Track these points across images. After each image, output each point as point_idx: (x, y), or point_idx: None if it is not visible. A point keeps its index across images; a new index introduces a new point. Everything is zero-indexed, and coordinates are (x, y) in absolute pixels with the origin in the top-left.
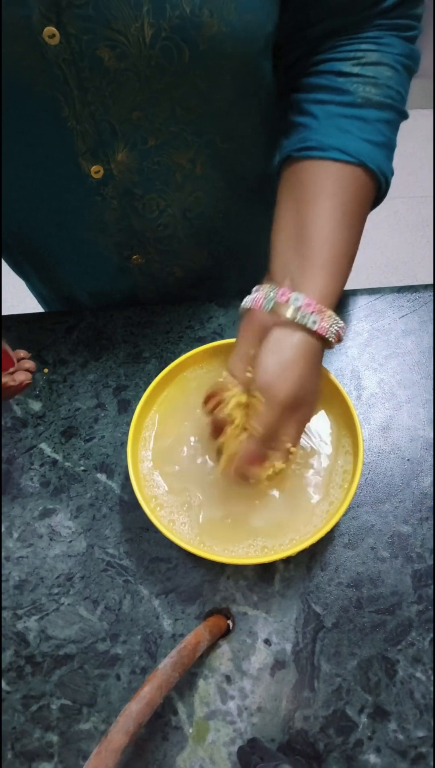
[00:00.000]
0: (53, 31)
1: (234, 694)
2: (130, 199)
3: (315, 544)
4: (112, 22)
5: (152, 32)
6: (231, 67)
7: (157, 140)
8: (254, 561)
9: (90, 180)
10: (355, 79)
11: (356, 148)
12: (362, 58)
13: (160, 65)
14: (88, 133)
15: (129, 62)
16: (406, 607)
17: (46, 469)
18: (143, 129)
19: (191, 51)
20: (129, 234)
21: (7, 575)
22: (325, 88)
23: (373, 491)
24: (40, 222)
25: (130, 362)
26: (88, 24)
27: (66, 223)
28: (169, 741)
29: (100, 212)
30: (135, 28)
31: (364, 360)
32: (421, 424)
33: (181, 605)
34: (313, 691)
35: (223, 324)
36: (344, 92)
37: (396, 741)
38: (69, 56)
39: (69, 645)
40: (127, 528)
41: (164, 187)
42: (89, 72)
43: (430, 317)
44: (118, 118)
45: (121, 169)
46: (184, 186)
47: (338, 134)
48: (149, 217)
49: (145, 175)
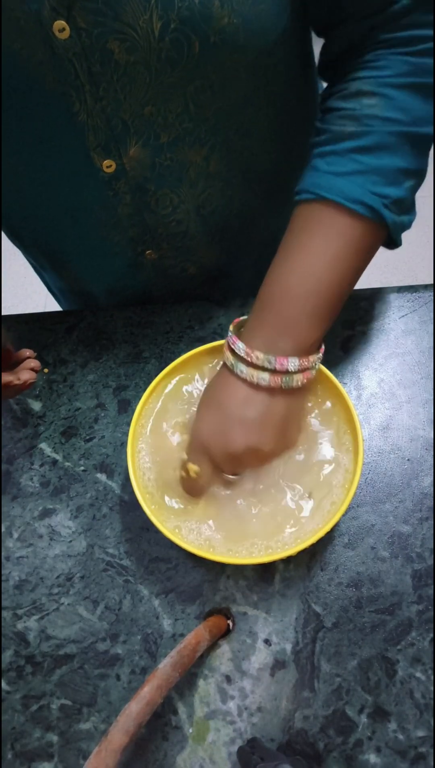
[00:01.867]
0: (63, 24)
1: (234, 694)
2: (143, 195)
3: (315, 544)
4: (121, 15)
5: (161, 24)
6: (244, 59)
7: (169, 136)
8: (254, 561)
9: (102, 174)
10: (335, 114)
11: (316, 183)
12: (344, 90)
13: (171, 58)
14: (99, 127)
15: (139, 55)
16: (406, 607)
17: (46, 469)
18: (156, 124)
19: (202, 43)
20: (142, 229)
21: (7, 575)
22: (316, 130)
23: (373, 491)
24: (55, 217)
25: (130, 362)
26: (98, 17)
27: (80, 218)
28: (169, 741)
29: (113, 207)
30: (143, 20)
31: (364, 360)
32: (421, 424)
33: (181, 605)
34: (313, 691)
35: (223, 324)
36: (323, 131)
37: (396, 741)
38: (79, 50)
39: (69, 645)
40: (127, 528)
41: (177, 183)
42: (100, 66)
43: (430, 317)
44: (129, 113)
45: (133, 164)
46: (198, 182)
47: (307, 175)
48: (162, 212)
49: (157, 170)
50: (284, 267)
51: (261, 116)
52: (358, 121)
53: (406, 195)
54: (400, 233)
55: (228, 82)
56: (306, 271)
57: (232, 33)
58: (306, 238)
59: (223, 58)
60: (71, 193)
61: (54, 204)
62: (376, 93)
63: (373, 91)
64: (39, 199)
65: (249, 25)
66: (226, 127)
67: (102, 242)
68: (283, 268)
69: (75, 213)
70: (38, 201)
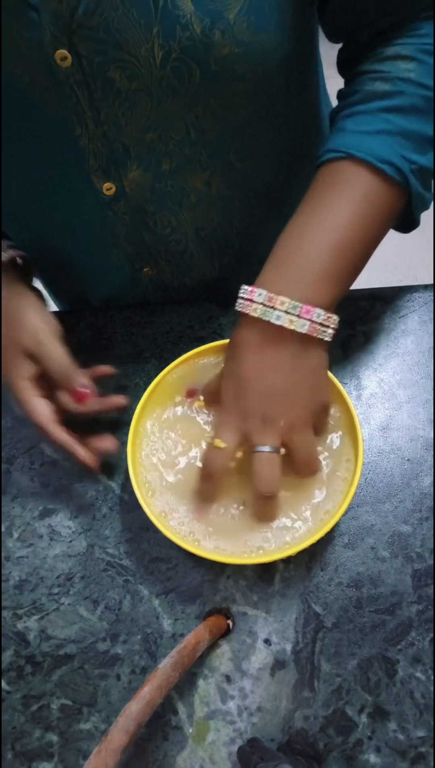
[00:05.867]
0: (65, 53)
1: (234, 694)
2: (142, 215)
3: (315, 544)
4: (122, 44)
5: (162, 53)
6: (245, 87)
7: (171, 163)
8: (254, 561)
9: (102, 196)
10: (367, 76)
11: (344, 142)
12: (379, 54)
13: (172, 86)
14: (100, 151)
15: (140, 83)
16: (406, 607)
17: (46, 469)
18: (157, 151)
19: (202, 71)
20: (141, 248)
21: (7, 575)
22: (342, 94)
23: (373, 491)
24: (55, 234)
25: (130, 362)
26: (99, 46)
27: (79, 235)
28: (169, 741)
29: (111, 226)
30: (145, 49)
31: (364, 360)
32: (421, 424)
33: (181, 605)
34: (313, 691)
35: (223, 324)
36: (353, 93)
37: (396, 741)
38: (81, 77)
39: (69, 645)
40: (127, 528)
41: (177, 207)
42: (101, 93)
43: (430, 317)
44: (130, 138)
45: (133, 187)
46: (198, 206)
47: (334, 136)
48: (161, 232)
49: (157, 194)
50: (305, 223)
51: (262, 138)
52: (391, 82)
53: (430, 165)
54: (420, 207)
55: (229, 108)
56: (329, 227)
57: (233, 61)
58: (329, 195)
59: (224, 85)
60: (71, 211)
61: (54, 221)
62: (414, 58)
63: (411, 56)
64: (39, 215)
65: (250, 53)
66: (228, 150)
67: (100, 258)
68: (304, 223)
69: (74, 230)
70: (39, 217)
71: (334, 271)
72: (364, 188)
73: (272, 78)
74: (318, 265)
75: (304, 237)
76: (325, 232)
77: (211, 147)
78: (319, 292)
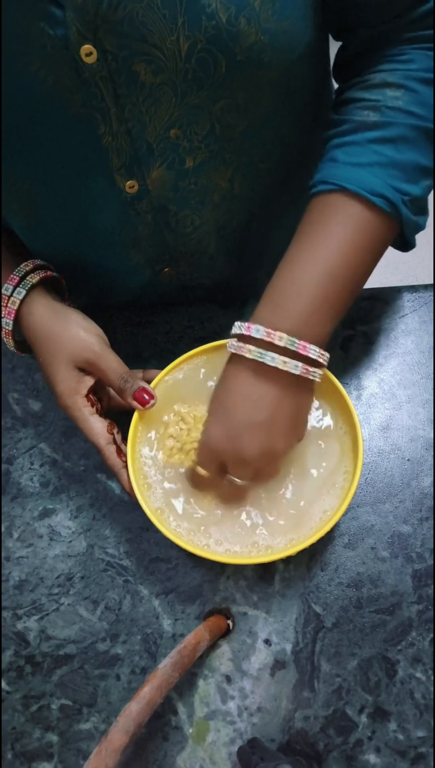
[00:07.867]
0: (90, 48)
1: (234, 694)
2: (165, 215)
3: (315, 544)
4: (147, 36)
5: (188, 44)
6: (269, 76)
7: (195, 161)
8: (254, 561)
9: (124, 195)
10: (356, 104)
11: (336, 174)
12: (366, 81)
13: (197, 78)
14: (123, 149)
15: (165, 76)
16: (406, 607)
17: (46, 469)
18: (181, 148)
19: (228, 62)
20: (161, 249)
21: (7, 575)
22: (332, 122)
23: (373, 491)
24: (73, 238)
25: (130, 362)
26: (124, 39)
27: (99, 240)
28: (169, 741)
29: (133, 227)
30: (170, 41)
31: (364, 360)
32: (421, 424)
33: (181, 605)
34: (313, 691)
35: (223, 324)
36: (343, 122)
37: (396, 741)
38: (106, 73)
39: (69, 645)
40: (127, 528)
41: (200, 206)
42: (126, 88)
43: (430, 317)
44: (154, 135)
45: (155, 185)
46: (221, 205)
47: (326, 166)
48: (182, 232)
49: (180, 193)
50: (299, 257)
51: (284, 132)
52: (380, 111)
53: (423, 194)
54: (413, 233)
55: (253, 100)
56: (322, 261)
57: (259, 50)
58: (322, 228)
59: (249, 75)
60: (91, 215)
61: (73, 227)
62: (402, 85)
63: (398, 83)
64: (58, 222)
65: (276, 41)
66: (251, 146)
67: (119, 261)
68: (299, 257)
69: (94, 235)
70: (57, 225)
71: (329, 306)
72: (357, 221)
73: (296, 67)
74: (314, 300)
75: (299, 271)
76: (320, 267)
77: (236, 143)
78: (315, 329)
